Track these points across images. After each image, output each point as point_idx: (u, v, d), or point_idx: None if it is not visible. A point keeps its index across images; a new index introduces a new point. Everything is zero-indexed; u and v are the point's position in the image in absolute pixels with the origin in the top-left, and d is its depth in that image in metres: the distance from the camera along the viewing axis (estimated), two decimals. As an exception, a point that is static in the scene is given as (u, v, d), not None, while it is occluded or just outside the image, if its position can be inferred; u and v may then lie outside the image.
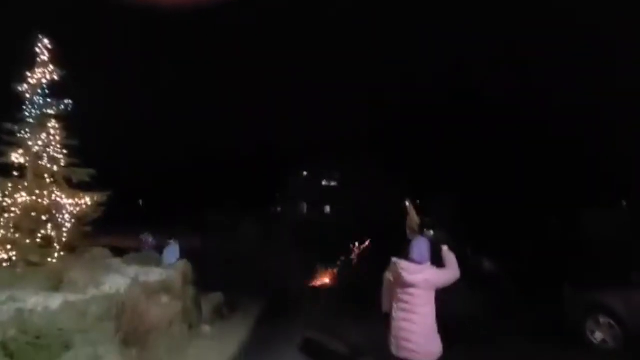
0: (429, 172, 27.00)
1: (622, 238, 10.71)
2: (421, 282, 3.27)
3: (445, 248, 3.42)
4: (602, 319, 5.81)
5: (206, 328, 7.01)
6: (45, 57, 6.75)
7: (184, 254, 7.88)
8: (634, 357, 5.34)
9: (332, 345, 6.30)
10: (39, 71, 6.69)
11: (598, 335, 5.84)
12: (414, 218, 3.83)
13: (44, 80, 6.71)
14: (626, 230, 12.01)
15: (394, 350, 3.33)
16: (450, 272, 3.36)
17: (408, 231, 3.81)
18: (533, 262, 11.52)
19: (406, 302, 3.32)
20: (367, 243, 16.84)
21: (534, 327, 7.32)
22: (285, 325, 7.64)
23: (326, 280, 14.22)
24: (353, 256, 16.60)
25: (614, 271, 6.69)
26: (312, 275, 14.58)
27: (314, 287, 13.49)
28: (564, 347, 6.03)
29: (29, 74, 6.60)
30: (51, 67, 6.73)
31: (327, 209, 29.30)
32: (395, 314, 3.36)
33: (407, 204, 3.96)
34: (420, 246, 3.41)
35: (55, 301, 4.57)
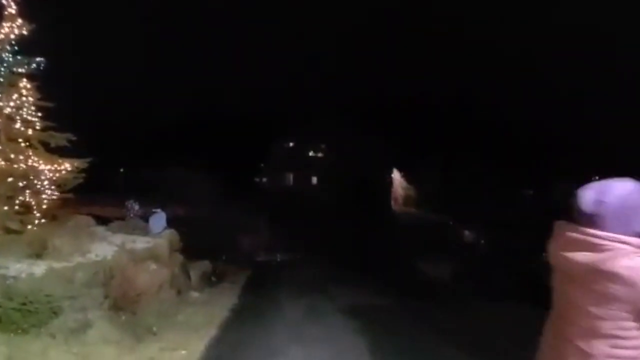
0: (414, 147, 27.37)
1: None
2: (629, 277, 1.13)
3: None
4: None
5: (194, 294, 7.09)
6: (12, 9, 6.18)
7: (170, 223, 7.81)
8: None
9: (317, 308, 6.51)
10: (6, 25, 6.14)
11: (569, 300, 6.23)
12: (398, 189, 3.78)
13: (12, 36, 6.19)
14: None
15: None
16: None
17: (392, 202, 3.77)
18: (511, 232, 12.07)
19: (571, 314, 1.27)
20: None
21: (510, 291, 7.79)
22: (270, 292, 7.82)
23: (310, 249, 14.50)
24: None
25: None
26: (298, 244, 14.83)
27: (299, 257, 13.76)
28: (536, 310, 6.44)
29: (-5, 28, 6.06)
30: (19, 20, 6.19)
31: (314, 179, 29.36)
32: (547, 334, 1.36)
33: (393, 176, 3.86)
34: (620, 188, 1.25)
35: (40, 268, 4.48)
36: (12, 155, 5.95)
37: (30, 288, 3.96)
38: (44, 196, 6.26)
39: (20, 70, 6.23)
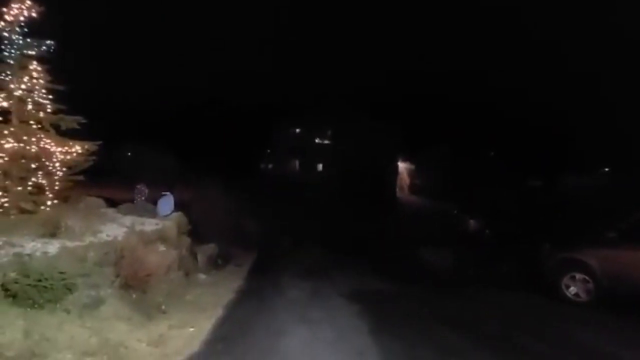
0: (420, 135, 27.18)
1: (599, 200, 11.20)
2: None
3: None
4: (578, 275, 6.23)
5: (202, 276, 7.28)
6: (20, -10, 6.20)
7: (178, 206, 7.94)
8: (603, 309, 5.84)
9: (320, 292, 6.65)
10: (15, 7, 6.18)
11: (572, 290, 6.30)
12: (404, 177, 3.77)
13: (21, 18, 6.23)
14: (603, 193, 12.56)
15: None
16: None
17: (398, 190, 3.75)
18: (516, 221, 12.09)
19: None
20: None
21: (513, 280, 7.87)
22: (276, 277, 7.96)
23: (316, 235, 14.63)
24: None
25: (590, 230, 7.04)
26: (303, 229, 14.98)
27: (303, 242, 13.91)
28: (539, 299, 6.53)
29: (4, 10, 6.10)
30: (28, 2, 6.21)
31: (320, 167, 29.37)
32: None
33: (399, 163, 3.85)
34: None
35: (53, 247, 4.64)
36: (24, 137, 6.08)
37: (45, 265, 4.11)
38: (55, 178, 6.41)
39: (30, 52, 6.30)
